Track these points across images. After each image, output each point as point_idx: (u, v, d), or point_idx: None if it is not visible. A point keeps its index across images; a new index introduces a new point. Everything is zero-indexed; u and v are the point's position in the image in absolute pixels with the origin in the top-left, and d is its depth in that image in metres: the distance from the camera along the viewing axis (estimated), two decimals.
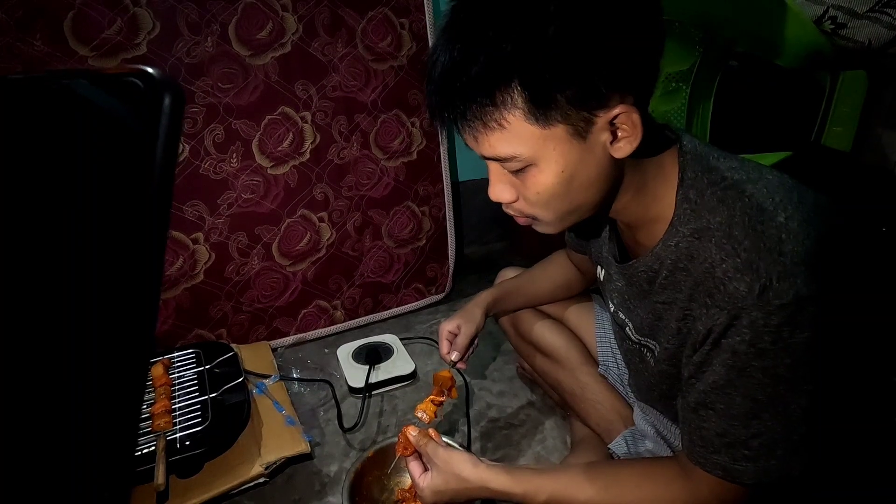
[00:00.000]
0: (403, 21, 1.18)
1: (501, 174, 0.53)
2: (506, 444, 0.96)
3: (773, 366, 0.47)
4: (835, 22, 0.88)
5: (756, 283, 0.45)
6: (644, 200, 0.55)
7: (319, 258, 1.23)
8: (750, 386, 0.48)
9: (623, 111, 0.46)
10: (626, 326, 0.67)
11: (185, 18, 0.98)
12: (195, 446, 0.80)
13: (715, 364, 0.50)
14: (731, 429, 0.50)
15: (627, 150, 0.49)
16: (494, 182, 0.54)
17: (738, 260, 0.47)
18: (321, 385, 1.11)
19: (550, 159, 0.48)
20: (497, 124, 0.47)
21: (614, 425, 0.81)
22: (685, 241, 0.52)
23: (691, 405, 0.53)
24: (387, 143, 1.24)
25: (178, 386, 0.93)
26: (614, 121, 0.47)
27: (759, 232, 0.47)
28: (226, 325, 1.18)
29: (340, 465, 0.92)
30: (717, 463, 0.52)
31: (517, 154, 0.48)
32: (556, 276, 0.93)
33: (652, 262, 0.56)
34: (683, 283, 0.53)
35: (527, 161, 0.49)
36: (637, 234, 0.59)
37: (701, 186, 0.52)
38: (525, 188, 0.52)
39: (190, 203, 1.07)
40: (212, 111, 1.04)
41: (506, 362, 1.17)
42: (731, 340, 0.48)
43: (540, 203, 0.52)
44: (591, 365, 0.88)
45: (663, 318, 0.57)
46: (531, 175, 0.50)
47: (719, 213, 0.49)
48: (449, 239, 1.39)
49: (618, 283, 0.67)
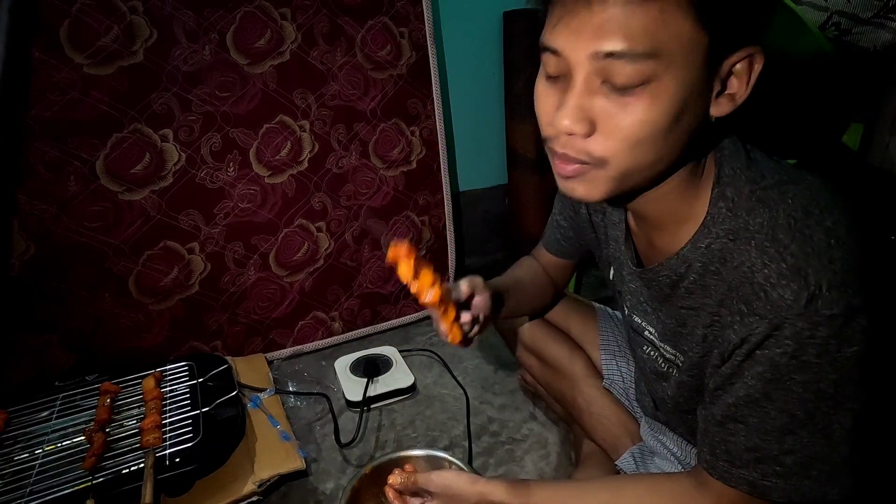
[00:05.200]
0: (403, 30, 1.17)
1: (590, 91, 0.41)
2: (508, 460, 0.93)
3: (815, 380, 0.44)
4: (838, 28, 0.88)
5: (804, 291, 0.42)
6: (678, 195, 0.50)
7: (317, 268, 1.21)
8: (788, 400, 0.45)
9: (754, 52, 0.41)
10: (645, 331, 0.63)
11: (182, 26, 0.97)
12: (185, 463, 0.77)
13: (748, 376, 0.46)
14: (763, 444, 0.47)
15: (727, 109, 0.43)
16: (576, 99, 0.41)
17: (783, 265, 0.43)
18: (318, 399, 1.08)
19: (678, 80, 0.39)
20: None
21: (621, 440, 0.78)
22: (718, 243, 0.48)
23: (717, 418, 0.50)
24: (386, 153, 1.23)
25: (169, 400, 0.90)
26: (737, 66, 0.42)
27: (806, 236, 0.43)
28: (221, 337, 1.15)
29: (337, 482, 0.89)
30: (742, 478, 0.49)
31: (656, 51, 0.38)
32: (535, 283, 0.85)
33: (677, 266, 0.52)
34: (714, 287, 0.49)
35: (650, 74, 0.39)
36: (656, 234, 0.55)
37: (739, 184, 0.47)
38: (620, 116, 0.41)
39: (185, 212, 1.05)
40: (209, 119, 1.03)
41: (507, 374, 1.15)
42: (769, 352, 0.44)
43: (629, 141, 0.41)
44: (595, 378, 0.85)
45: (687, 325, 0.54)
46: (640, 98, 0.40)
47: (759, 215, 0.45)
48: (449, 249, 1.37)
49: (631, 286, 0.63)
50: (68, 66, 0.90)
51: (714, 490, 0.51)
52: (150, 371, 0.96)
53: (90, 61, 0.92)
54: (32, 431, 0.83)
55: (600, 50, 0.39)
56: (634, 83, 0.40)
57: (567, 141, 0.44)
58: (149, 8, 0.94)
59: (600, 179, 0.45)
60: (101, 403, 0.87)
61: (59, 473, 0.75)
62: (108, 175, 0.98)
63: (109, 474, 0.75)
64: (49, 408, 0.88)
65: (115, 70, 0.94)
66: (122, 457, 0.78)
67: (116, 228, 1.00)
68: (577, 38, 0.40)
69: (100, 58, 0.92)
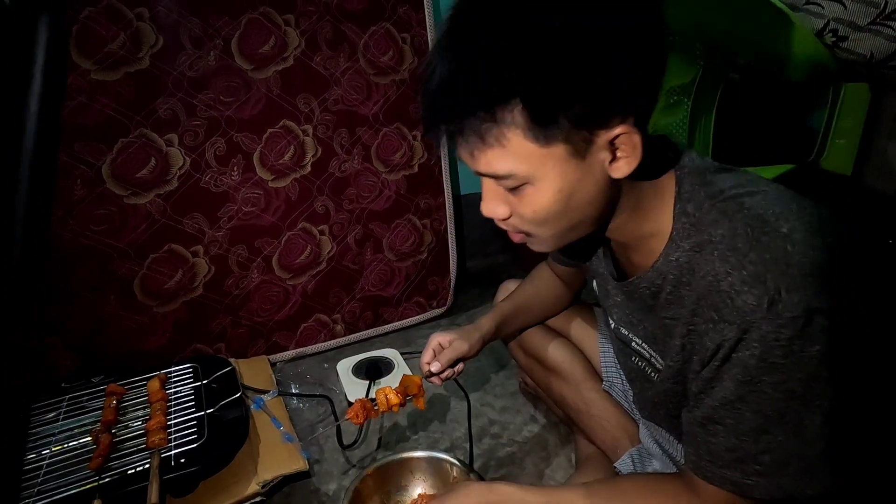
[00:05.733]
0: (405, 36, 1.19)
1: (496, 190, 0.52)
2: (509, 462, 0.94)
3: (784, 381, 0.46)
4: (836, 35, 0.89)
5: (765, 296, 0.44)
6: (639, 219, 0.55)
7: (320, 271, 1.22)
8: (760, 401, 0.47)
9: (624, 132, 0.46)
10: (633, 342, 0.66)
11: (188, 33, 0.99)
12: (190, 464, 0.78)
13: (725, 379, 0.49)
14: (741, 444, 0.49)
15: (626, 171, 0.48)
16: (488, 198, 0.53)
17: (744, 272, 0.46)
18: (320, 400, 1.09)
19: (548, 178, 0.47)
20: (496, 141, 0.46)
21: (620, 442, 0.79)
22: (686, 256, 0.52)
23: (699, 419, 0.52)
24: (388, 157, 1.24)
25: (174, 401, 0.91)
26: (614, 141, 0.47)
27: (763, 243, 0.46)
28: (224, 340, 1.16)
29: (339, 483, 0.90)
30: (726, 478, 0.51)
31: (514, 172, 0.47)
32: (549, 293, 0.91)
33: (654, 278, 0.55)
34: (687, 297, 0.52)
35: (523, 179, 0.48)
36: (631, 253, 0.59)
37: (699, 199, 0.51)
38: (521, 206, 0.50)
39: (190, 216, 1.07)
40: (213, 124, 1.04)
41: (508, 377, 1.15)
42: (741, 355, 0.47)
43: (536, 221, 0.51)
44: (595, 380, 0.86)
45: (671, 335, 0.56)
46: (528, 194, 0.49)
47: (720, 226, 0.49)
48: (450, 252, 1.38)
49: (617, 299, 0.66)
50: (76, 72, 0.92)
51: (702, 490, 0.53)
52: (155, 373, 0.97)
53: (97, 67, 0.93)
54: (39, 432, 0.84)
55: (478, 171, 0.50)
56: (517, 186, 0.49)
57: (501, 222, 0.54)
58: (155, 15, 0.95)
59: (539, 243, 0.55)
60: (107, 405, 0.88)
61: (67, 474, 0.76)
62: (114, 179, 0.99)
63: (116, 474, 0.76)
64: (55, 409, 0.89)
65: (122, 76, 0.95)
66: (128, 457, 0.79)
67: (122, 232, 1.01)
68: (464, 159, 0.50)
69: (107, 64, 0.94)
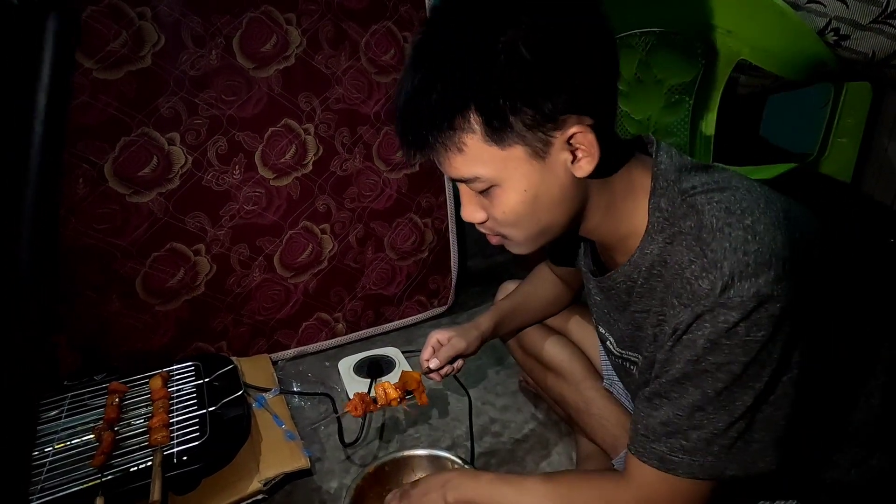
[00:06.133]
0: (406, 34, 1.18)
1: (471, 195, 0.55)
2: (510, 460, 0.94)
3: (727, 362, 0.48)
4: (837, 33, 0.88)
5: (719, 281, 0.47)
6: (615, 218, 0.57)
7: (321, 270, 1.23)
8: (703, 379, 0.49)
9: (578, 131, 0.49)
10: (608, 341, 0.68)
11: (190, 32, 0.99)
12: (193, 461, 0.78)
13: (676, 360, 0.51)
14: (675, 418, 0.51)
15: (588, 170, 0.51)
16: (465, 203, 0.56)
17: (704, 260, 0.48)
18: (322, 399, 1.10)
19: (513, 179, 0.51)
20: (457, 148, 0.50)
21: (620, 440, 0.79)
22: (658, 248, 0.54)
23: (647, 395, 0.54)
24: (389, 155, 1.24)
25: (176, 399, 0.91)
26: (571, 140, 0.49)
27: (725, 234, 0.48)
28: (226, 338, 1.17)
29: (341, 481, 0.91)
30: (654, 452, 0.52)
31: (479, 175, 0.51)
32: (547, 293, 0.92)
33: (630, 272, 0.57)
34: (657, 288, 0.54)
35: (490, 182, 0.51)
36: (613, 252, 0.60)
37: (672, 195, 0.53)
38: (493, 208, 0.54)
39: (192, 214, 1.07)
40: (215, 123, 1.05)
41: (509, 376, 1.16)
42: (691, 335, 0.49)
43: (508, 223, 0.54)
44: (595, 379, 0.86)
45: (642, 328, 0.58)
46: (496, 195, 0.52)
47: (690, 219, 0.51)
48: (451, 251, 1.38)
49: (596, 298, 0.68)
50: (78, 71, 0.92)
51: (633, 470, 0.55)
52: (157, 371, 0.97)
53: (99, 66, 0.93)
54: (42, 430, 0.84)
55: (450, 176, 0.54)
56: (486, 188, 0.52)
57: (479, 226, 0.58)
58: (157, 14, 0.96)
59: (516, 244, 0.58)
60: (110, 402, 0.88)
61: (70, 471, 0.76)
62: (116, 178, 0.99)
63: (118, 472, 0.76)
64: (58, 406, 0.90)
65: (124, 74, 0.95)
66: (130, 455, 0.79)
67: (124, 230, 1.02)
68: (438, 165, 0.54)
69: (109, 62, 0.94)
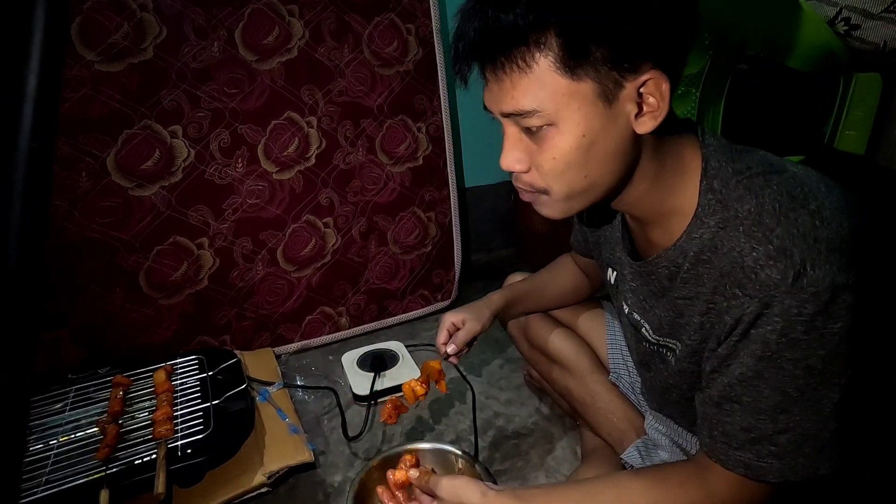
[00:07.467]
0: (410, 27, 1.18)
1: (517, 139, 0.51)
2: (514, 455, 0.94)
3: (805, 357, 0.45)
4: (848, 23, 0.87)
5: (790, 270, 0.44)
6: (660, 192, 0.53)
7: (324, 264, 1.22)
8: (780, 378, 0.46)
9: (653, 77, 0.46)
10: (643, 328, 0.65)
11: (191, 23, 0.98)
12: (197, 454, 0.78)
13: (742, 355, 0.48)
14: (758, 423, 0.48)
15: (650, 126, 0.48)
16: (509, 148, 0.51)
17: (770, 247, 0.45)
18: (325, 392, 1.09)
19: (573, 120, 0.47)
20: (526, 65, 0.46)
21: (626, 435, 0.79)
22: (709, 232, 0.50)
23: (714, 399, 0.51)
24: (393, 149, 1.23)
25: (180, 393, 0.91)
26: (641, 89, 0.46)
27: (791, 219, 0.45)
28: (229, 332, 1.17)
29: (344, 474, 0.91)
30: (739, 460, 0.49)
31: (540, 108, 0.47)
32: (565, 281, 0.91)
33: (675, 257, 0.54)
34: (706, 275, 0.51)
35: (548, 119, 0.47)
36: (650, 230, 0.57)
37: (726, 176, 0.50)
38: (541, 153, 0.50)
39: (194, 208, 1.07)
40: (218, 116, 1.04)
41: (513, 370, 1.15)
42: (761, 330, 0.46)
43: (554, 172, 0.50)
44: (601, 373, 0.85)
45: (685, 314, 0.55)
46: (549, 137, 0.48)
47: (747, 202, 0.48)
48: (455, 245, 1.37)
49: (632, 284, 0.65)
50: (79, 64, 0.91)
51: (714, 475, 0.52)
52: (161, 364, 0.97)
53: (101, 58, 0.93)
54: (47, 423, 0.85)
55: (503, 111, 0.49)
56: (539, 126, 0.48)
57: (517, 177, 0.53)
58: (158, 5, 0.95)
59: (551, 203, 0.54)
60: (114, 396, 0.88)
61: (74, 463, 0.76)
62: (118, 171, 0.99)
63: (123, 465, 0.76)
64: (62, 400, 0.90)
65: (126, 67, 0.95)
66: (134, 448, 0.79)
67: (127, 224, 1.02)
68: (491, 103, 0.51)
69: (110, 55, 0.93)
